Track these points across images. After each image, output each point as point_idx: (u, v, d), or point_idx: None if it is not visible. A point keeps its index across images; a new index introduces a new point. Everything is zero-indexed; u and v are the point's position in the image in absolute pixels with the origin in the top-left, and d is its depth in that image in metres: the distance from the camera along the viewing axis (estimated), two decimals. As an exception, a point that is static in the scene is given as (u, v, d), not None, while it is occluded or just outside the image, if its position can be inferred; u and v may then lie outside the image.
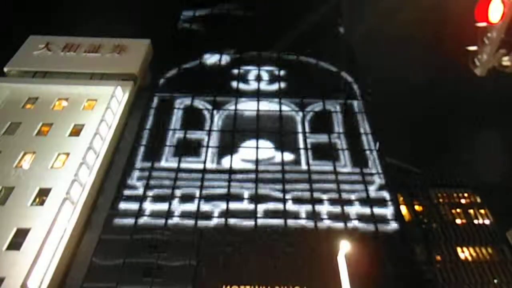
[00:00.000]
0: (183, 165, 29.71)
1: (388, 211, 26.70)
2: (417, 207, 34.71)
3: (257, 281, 22.25)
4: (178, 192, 27.89)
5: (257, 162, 30.46)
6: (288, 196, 28.08)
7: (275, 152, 31.47)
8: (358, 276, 17.83)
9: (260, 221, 26.12)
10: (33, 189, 25.32)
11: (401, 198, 31.68)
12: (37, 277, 20.63)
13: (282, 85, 37.92)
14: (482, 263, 31.38)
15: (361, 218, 26.38)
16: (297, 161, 30.74)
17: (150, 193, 27.57)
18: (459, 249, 32.18)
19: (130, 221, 25.44)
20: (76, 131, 29.47)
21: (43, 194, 25.19)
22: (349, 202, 27.39)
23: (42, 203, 24.81)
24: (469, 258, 31.87)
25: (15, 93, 32.28)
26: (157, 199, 27.17)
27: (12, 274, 20.85)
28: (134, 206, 26.39)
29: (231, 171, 29.59)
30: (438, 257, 31.49)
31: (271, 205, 27.43)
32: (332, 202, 27.50)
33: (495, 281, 30.50)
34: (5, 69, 34.38)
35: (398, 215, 26.55)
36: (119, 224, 25.17)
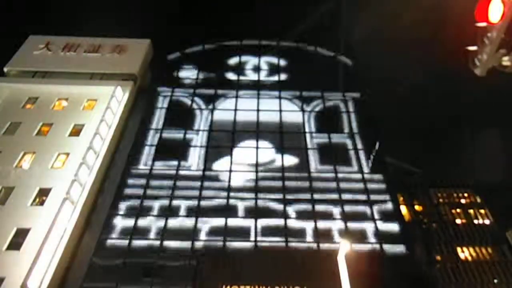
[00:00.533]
0: (166, 171, 27.28)
1: (397, 227, 24.68)
2: (417, 207, 34.69)
3: (257, 281, 22.22)
4: (157, 204, 25.58)
5: (256, 167, 27.56)
6: (290, 210, 25.27)
7: (275, 154, 28.87)
8: (358, 276, 17.77)
9: (259, 242, 23.50)
10: (33, 189, 25.30)
11: (401, 198, 31.59)
12: (37, 277, 20.61)
13: (283, 76, 34.87)
14: (482, 263, 31.34)
15: (377, 235, 23.83)
16: (301, 166, 28.04)
17: (123, 205, 25.50)
18: (459, 249, 32.14)
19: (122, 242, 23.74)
20: (76, 131, 29.45)
21: (43, 194, 25.16)
22: (363, 217, 24.82)
23: (42, 203, 24.79)
24: (469, 258, 31.84)
25: (15, 93, 32.25)
26: (133, 213, 24.98)
27: (12, 274, 20.83)
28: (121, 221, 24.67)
29: (230, 179, 26.65)
30: (438, 257, 31.46)
31: (270, 221, 24.64)
32: (344, 216, 24.72)
33: (495, 281, 30.48)
34: (5, 69, 34.37)
35: (405, 235, 24.55)
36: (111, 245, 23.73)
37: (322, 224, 24.61)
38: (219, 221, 24.86)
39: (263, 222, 24.81)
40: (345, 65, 37.14)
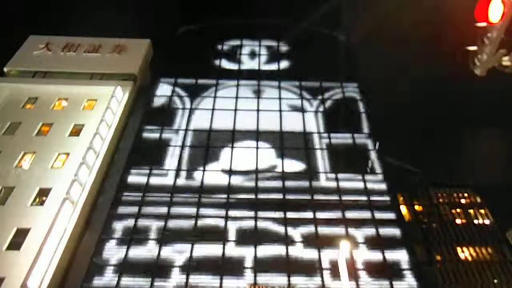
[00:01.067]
0: (136, 180, 24.40)
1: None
2: (417, 207, 34.66)
3: (257, 281, 22.08)
4: (120, 226, 22.39)
5: (256, 176, 22.81)
6: (294, 233, 20.29)
7: (276, 159, 24.59)
8: (358, 276, 17.72)
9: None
10: (33, 189, 25.32)
11: (401, 198, 31.61)
12: (37, 277, 20.60)
13: (286, 64, 31.19)
14: (482, 263, 31.31)
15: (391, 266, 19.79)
16: (308, 173, 23.40)
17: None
18: (459, 249, 32.10)
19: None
20: (76, 131, 29.49)
21: (43, 194, 25.18)
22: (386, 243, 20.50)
23: (42, 203, 24.81)
24: (469, 258, 31.81)
25: (15, 93, 32.28)
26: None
27: (12, 274, 20.82)
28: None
29: (229, 191, 21.83)
30: (438, 257, 31.43)
31: (270, 249, 19.72)
32: (369, 242, 20.21)
33: (495, 281, 30.45)
34: (5, 69, 34.42)
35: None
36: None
37: (335, 254, 19.21)
38: (204, 250, 20.78)
39: (260, 251, 20.02)
40: (347, 58, 36.46)
